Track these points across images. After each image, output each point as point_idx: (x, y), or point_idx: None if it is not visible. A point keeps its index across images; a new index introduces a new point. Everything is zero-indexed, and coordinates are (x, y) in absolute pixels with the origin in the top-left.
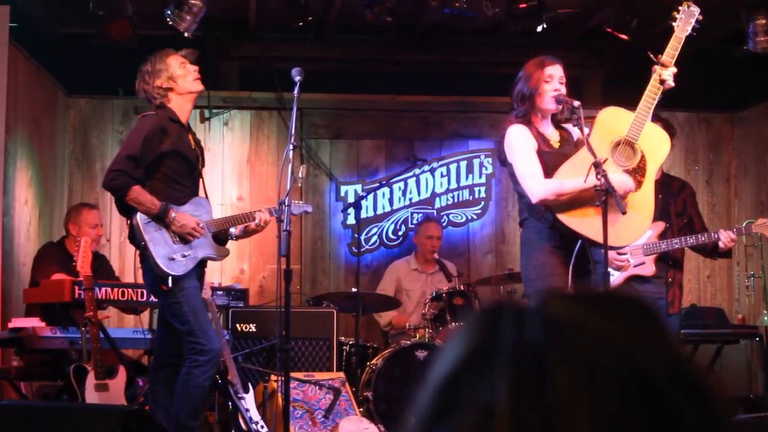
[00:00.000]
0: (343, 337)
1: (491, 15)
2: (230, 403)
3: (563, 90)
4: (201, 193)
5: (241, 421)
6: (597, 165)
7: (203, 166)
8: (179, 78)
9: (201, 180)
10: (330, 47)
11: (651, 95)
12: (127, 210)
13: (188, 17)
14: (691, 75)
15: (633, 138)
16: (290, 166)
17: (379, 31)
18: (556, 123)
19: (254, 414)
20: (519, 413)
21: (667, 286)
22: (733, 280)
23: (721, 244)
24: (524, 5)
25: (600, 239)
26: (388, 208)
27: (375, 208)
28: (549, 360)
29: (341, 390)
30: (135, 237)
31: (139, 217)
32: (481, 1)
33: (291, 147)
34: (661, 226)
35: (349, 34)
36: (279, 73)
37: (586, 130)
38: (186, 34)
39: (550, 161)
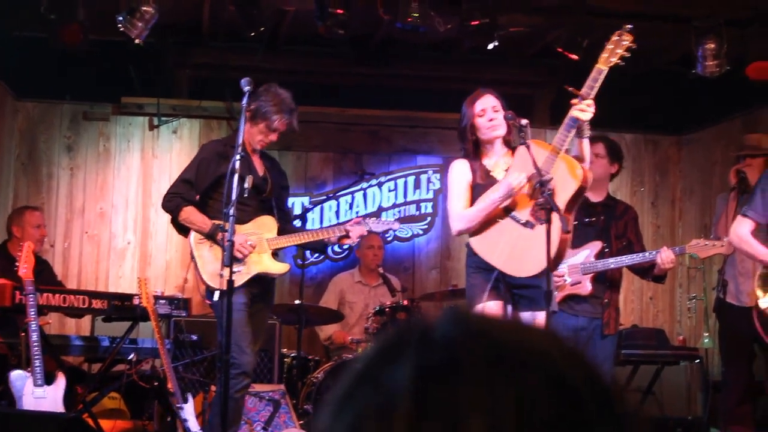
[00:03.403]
0: (285, 349)
1: (443, 31)
2: (169, 413)
3: (499, 117)
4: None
5: (179, 430)
6: (543, 183)
7: (273, 189)
8: (262, 127)
9: (273, 200)
10: (282, 58)
11: (565, 129)
12: (184, 229)
13: (140, 24)
14: (640, 97)
15: (545, 171)
16: (236, 176)
17: (331, 43)
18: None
19: (193, 424)
20: (424, 401)
21: (603, 307)
22: (675, 301)
23: (658, 260)
24: (476, 22)
25: (505, 269)
26: (334, 221)
27: (321, 221)
28: (459, 351)
29: (281, 402)
30: None
31: (192, 236)
32: (434, 17)
33: (238, 157)
34: (598, 245)
35: (301, 46)
36: (230, 82)
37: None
38: (137, 41)
39: (481, 194)
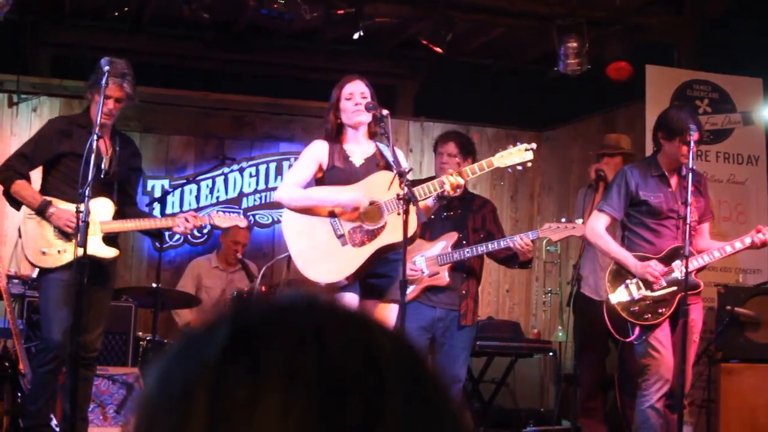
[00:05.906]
0: (140, 332)
1: (309, 19)
2: (20, 394)
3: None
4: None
5: None
6: (401, 174)
7: (116, 170)
8: (97, 97)
9: (115, 183)
10: (146, 40)
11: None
12: (17, 202)
13: (2, 0)
14: (502, 92)
15: (389, 209)
16: (93, 156)
17: (196, 27)
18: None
19: None
20: (234, 353)
21: (461, 297)
22: (532, 295)
23: (511, 244)
24: (342, 12)
25: (297, 260)
26: (194, 205)
27: (181, 205)
28: (275, 314)
29: (135, 386)
30: None
31: (23, 211)
32: (300, 5)
33: (95, 137)
34: (454, 236)
35: (166, 29)
36: (92, 62)
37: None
38: None
39: (338, 177)
